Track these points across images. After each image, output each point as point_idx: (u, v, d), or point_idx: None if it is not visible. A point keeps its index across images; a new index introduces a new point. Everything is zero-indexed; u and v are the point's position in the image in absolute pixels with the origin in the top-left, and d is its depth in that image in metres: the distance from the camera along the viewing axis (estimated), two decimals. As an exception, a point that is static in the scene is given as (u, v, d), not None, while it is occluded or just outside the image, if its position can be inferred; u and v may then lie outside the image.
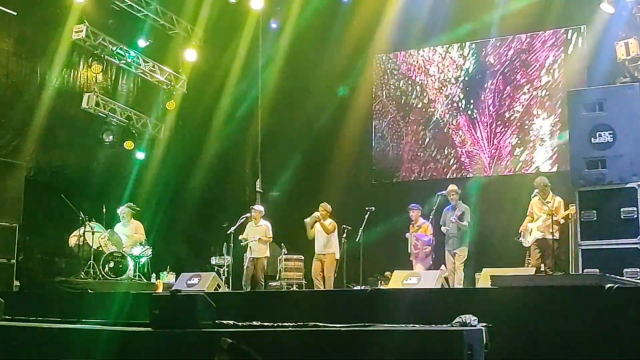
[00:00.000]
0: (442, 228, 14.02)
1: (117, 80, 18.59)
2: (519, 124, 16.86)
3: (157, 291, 14.08)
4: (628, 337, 6.71)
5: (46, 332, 9.02)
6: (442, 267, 13.91)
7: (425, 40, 18.11)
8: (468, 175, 17.22)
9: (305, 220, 15.06)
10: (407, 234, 14.62)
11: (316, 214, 14.92)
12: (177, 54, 19.31)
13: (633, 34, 12.91)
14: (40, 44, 16.88)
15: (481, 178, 17.02)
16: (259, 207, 15.57)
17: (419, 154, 18.07)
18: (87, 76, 17.91)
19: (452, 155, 17.61)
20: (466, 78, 17.65)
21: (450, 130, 17.68)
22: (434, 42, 18.12)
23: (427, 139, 17.98)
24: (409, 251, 14.51)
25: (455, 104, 17.70)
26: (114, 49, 17.93)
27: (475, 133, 17.30)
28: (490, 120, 17.18)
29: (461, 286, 13.15)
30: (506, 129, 16.96)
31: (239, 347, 6.73)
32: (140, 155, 18.89)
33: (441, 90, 17.96)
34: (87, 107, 17.48)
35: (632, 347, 6.62)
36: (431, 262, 14.30)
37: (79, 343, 8.50)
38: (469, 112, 17.48)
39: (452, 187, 14.33)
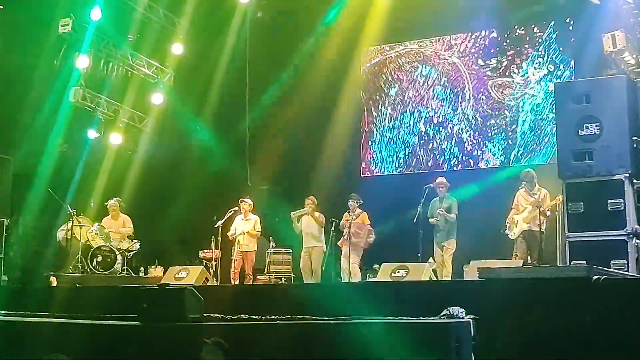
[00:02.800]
0: (430, 220, 14.04)
1: (103, 74, 18.49)
2: (507, 116, 16.87)
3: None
4: (615, 328, 6.73)
5: (33, 327, 9.00)
6: (430, 259, 13.92)
7: (416, 33, 18.10)
8: (456, 168, 17.23)
9: (291, 213, 15.10)
10: (342, 222, 14.60)
11: (306, 209, 14.95)
12: (164, 47, 19.25)
13: (620, 26, 12.91)
14: (27, 37, 16.79)
15: (469, 170, 17.05)
16: (247, 201, 15.55)
17: (408, 147, 18.08)
18: (73, 70, 17.81)
19: (440, 148, 17.62)
20: (456, 70, 17.64)
21: (440, 123, 17.68)
22: (424, 34, 18.10)
23: (417, 132, 17.98)
24: (345, 237, 14.51)
25: (444, 98, 17.70)
26: (100, 42, 17.86)
27: (464, 126, 17.31)
28: (478, 113, 17.20)
29: (449, 279, 13.19)
30: (494, 121, 16.98)
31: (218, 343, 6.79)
32: (127, 149, 18.86)
33: (431, 84, 17.95)
34: (73, 100, 17.43)
35: (619, 338, 6.65)
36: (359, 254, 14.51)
37: (67, 337, 8.49)
38: (458, 106, 17.48)
39: (440, 179, 14.37)
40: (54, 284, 13.82)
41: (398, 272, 12.24)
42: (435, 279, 12.69)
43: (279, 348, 7.09)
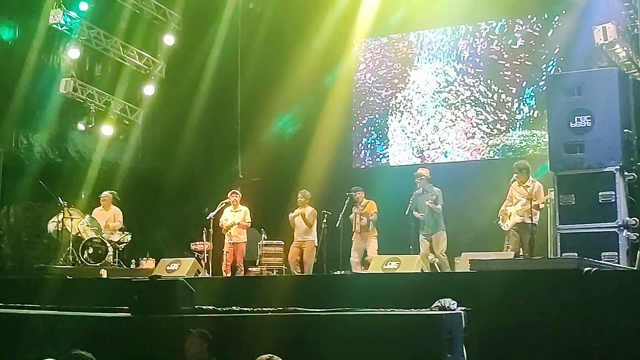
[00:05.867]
0: (415, 214, 13.86)
1: (95, 65, 18.43)
2: (499, 107, 16.88)
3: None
4: (606, 319, 6.76)
5: (24, 319, 8.98)
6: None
7: (407, 25, 18.06)
8: (448, 160, 17.23)
9: (289, 215, 15.06)
10: (352, 216, 14.59)
11: (300, 206, 14.96)
12: (155, 38, 19.20)
13: (610, 18, 12.92)
14: (18, 28, 16.71)
15: (460, 162, 17.06)
16: (237, 193, 15.52)
17: (399, 138, 18.07)
18: (64, 61, 17.74)
19: (432, 139, 17.61)
20: (448, 63, 17.63)
21: (432, 114, 17.68)
22: (415, 27, 18.06)
23: (408, 124, 17.97)
24: (353, 230, 14.51)
25: (437, 89, 17.68)
26: (91, 33, 17.80)
27: (457, 117, 17.31)
28: (471, 104, 17.19)
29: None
30: (487, 113, 16.98)
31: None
32: (119, 141, 18.81)
33: (423, 75, 17.92)
34: (64, 92, 17.35)
35: (610, 330, 6.67)
36: (376, 242, 14.50)
37: (58, 329, 8.48)
38: (450, 97, 17.48)
39: (421, 170, 14.20)
40: (104, 275, 13.75)
41: (390, 264, 12.22)
42: (426, 271, 12.68)
43: (271, 339, 7.10)
